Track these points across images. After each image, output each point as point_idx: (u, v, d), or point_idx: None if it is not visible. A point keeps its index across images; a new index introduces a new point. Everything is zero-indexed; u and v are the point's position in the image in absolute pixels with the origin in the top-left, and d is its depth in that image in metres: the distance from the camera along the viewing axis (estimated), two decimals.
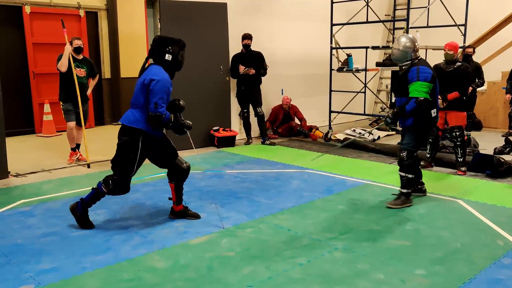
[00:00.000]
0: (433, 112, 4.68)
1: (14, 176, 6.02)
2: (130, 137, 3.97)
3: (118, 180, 4.07)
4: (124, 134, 4.01)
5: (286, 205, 4.86)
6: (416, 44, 4.68)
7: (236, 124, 8.55)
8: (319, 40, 9.28)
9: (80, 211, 4.15)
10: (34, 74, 9.11)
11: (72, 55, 6.42)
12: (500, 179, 5.75)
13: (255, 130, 8.41)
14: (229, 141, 8.00)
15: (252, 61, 7.87)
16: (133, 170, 4.09)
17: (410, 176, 4.76)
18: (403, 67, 4.67)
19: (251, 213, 4.61)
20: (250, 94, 7.98)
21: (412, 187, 4.85)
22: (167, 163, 4.27)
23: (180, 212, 4.44)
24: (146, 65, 4.13)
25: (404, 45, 4.63)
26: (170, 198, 4.46)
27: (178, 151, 4.32)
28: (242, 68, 7.77)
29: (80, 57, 6.64)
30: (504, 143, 7.31)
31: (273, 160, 6.89)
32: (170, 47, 4.01)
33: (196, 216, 4.46)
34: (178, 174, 4.30)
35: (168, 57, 4.01)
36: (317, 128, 8.86)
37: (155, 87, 3.87)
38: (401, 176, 4.81)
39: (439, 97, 5.92)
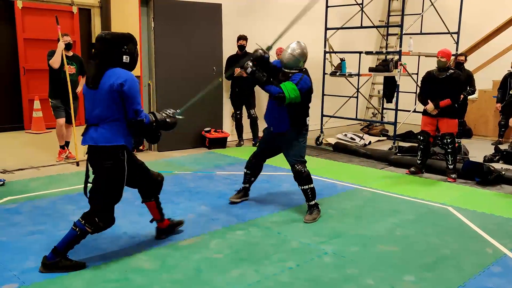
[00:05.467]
0: (308, 120, 4.71)
1: (1, 172, 5.93)
2: (114, 158, 3.31)
3: (105, 214, 3.39)
4: (105, 157, 3.31)
5: (277, 208, 4.84)
6: (306, 53, 4.63)
7: (228, 125, 8.52)
8: (313, 43, 9.21)
9: (54, 259, 3.34)
10: (25, 70, 8.99)
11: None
12: (490, 187, 5.77)
13: (247, 132, 8.38)
14: (221, 143, 7.97)
15: None
16: (120, 197, 3.45)
17: (312, 185, 4.52)
18: (290, 74, 4.49)
19: (241, 215, 4.58)
20: (244, 96, 7.95)
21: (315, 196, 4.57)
22: (143, 180, 3.70)
23: (168, 227, 4.00)
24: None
25: (299, 52, 4.55)
26: (152, 220, 3.91)
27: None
28: (237, 70, 7.74)
29: (70, 54, 6.58)
30: (493, 151, 7.36)
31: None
32: (125, 46, 3.34)
33: (180, 223, 4.12)
34: (155, 188, 3.80)
35: (126, 59, 3.33)
36: None
37: (129, 92, 3.26)
38: (304, 190, 4.52)
39: (430, 103, 5.97)
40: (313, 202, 4.54)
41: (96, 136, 3.30)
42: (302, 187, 4.53)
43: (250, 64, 4.32)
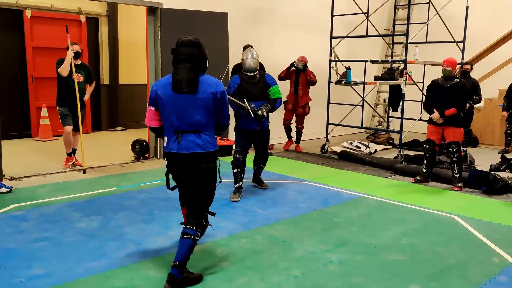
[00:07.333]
0: None
1: (8, 179, 5.97)
2: (214, 162, 3.41)
3: (207, 216, 3.49)
4: (209, 161, 3.37)
5: (282, 216, 4.84)
6: None
7: (233, 133, 8.52)
8: (318, 52, 9.32)
9: (181, 275, 3.25)
10: (33, 78, 9.10)
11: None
12: (496, 196, 5.74)
13: None
14: (226, 150, 7.97)
15: None
16: None
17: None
18: (257, 75, 5.47)
19: (247, 223, 4.58)
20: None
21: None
22: None
23: None
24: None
25: (258, 57, 5.48)
26: (183, 223, 3.86)
27: None
28: None
29: (78, 62, 6.65)
30: (500, 160, 7.34)
31: (269, 171, 6.87)
32: (206, 51, 3.43)
33: None
34: None
35: (207, 63, 3.39)
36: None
37: (226, 100, 3.43)
38: (263, 168, 5.91)
39: (436, 111, 5.98)
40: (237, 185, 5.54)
41: (202, 143, 3.31)
42: (264, 166, 5.91)
43: (262, 111, 5.39)
